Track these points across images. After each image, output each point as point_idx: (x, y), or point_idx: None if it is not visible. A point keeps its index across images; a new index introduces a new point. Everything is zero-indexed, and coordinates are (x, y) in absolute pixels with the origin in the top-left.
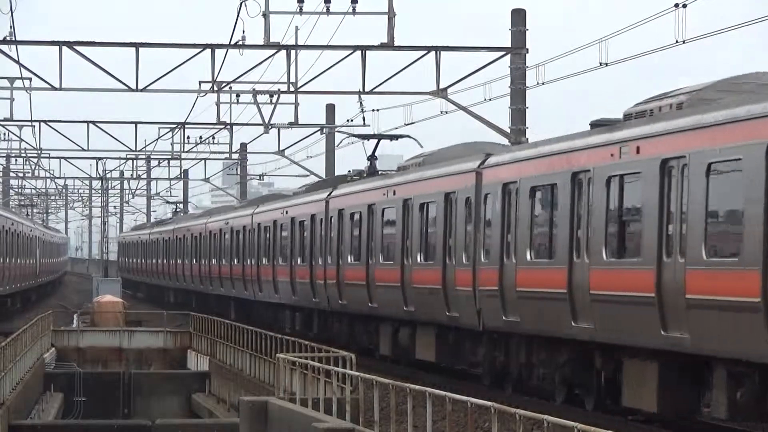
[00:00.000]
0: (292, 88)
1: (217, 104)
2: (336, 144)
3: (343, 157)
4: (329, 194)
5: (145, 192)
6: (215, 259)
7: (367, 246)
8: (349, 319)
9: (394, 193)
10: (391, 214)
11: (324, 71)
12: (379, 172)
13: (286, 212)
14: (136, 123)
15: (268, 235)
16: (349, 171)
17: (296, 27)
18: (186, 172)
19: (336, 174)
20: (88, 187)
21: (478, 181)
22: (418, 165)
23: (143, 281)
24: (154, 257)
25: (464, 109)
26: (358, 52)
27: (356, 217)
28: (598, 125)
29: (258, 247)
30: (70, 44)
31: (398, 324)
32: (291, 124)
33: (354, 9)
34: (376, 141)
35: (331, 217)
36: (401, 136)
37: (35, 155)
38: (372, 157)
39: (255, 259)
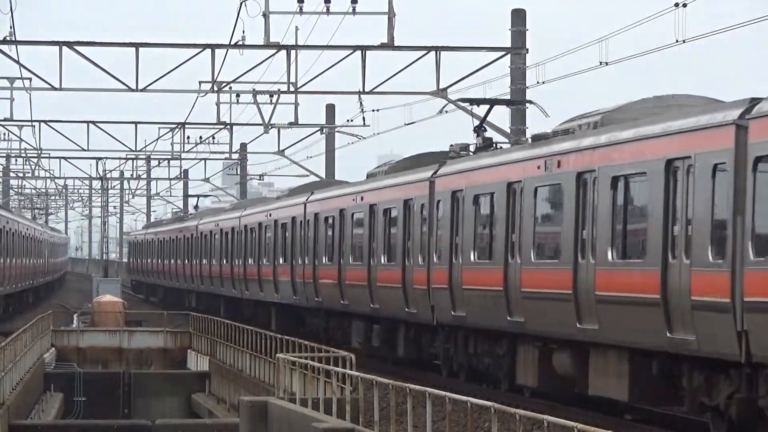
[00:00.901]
0: (292, 88)
1: (217, 104)
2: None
3: (344, 157)
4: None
5: (145, 192)
6: (252, 259)
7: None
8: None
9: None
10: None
11: (324, 71)
12: (496, 146)
13: (270, 215)
14: (136, 123)
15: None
16: (452, 146)
17: (296, 27)
18: (186, 172)
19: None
20: (88, 187)
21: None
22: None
23: (160, 284)
24: (174, 257)
25: (464, 109)
26: (358, 52)
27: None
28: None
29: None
30: (70, 44)
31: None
32: (291, 124)
33: (354, 9)
34: (487, 107)
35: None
36: (519, 102)
37: (35, 155)
38: (480, 128)
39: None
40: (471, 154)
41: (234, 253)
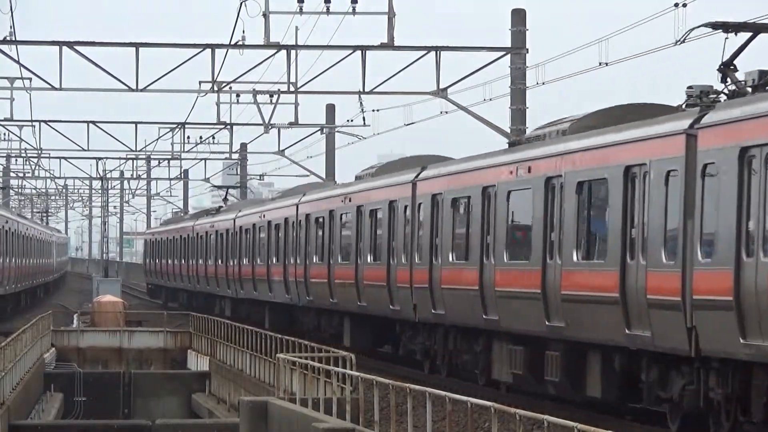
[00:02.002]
0: (292, 88)
1: (217, 104)
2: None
3: (344, 157)
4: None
5: (145, 192)
6: (318, 257)
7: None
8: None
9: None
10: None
11: (324, 71)
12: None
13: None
14: (136, 123)
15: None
16: (689, 88)
17: (296, 27)
18: (186, 172)
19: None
20: (88, 187)
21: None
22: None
23: (183, 288)
24: (204, 257)
25: (464, 109)
26: (358, 52)
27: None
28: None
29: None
30: (70, 44)
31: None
32: (291, 124)
33: (354, 9)
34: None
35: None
36: None
37: (35, 155)
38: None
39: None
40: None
41: (289, 251)
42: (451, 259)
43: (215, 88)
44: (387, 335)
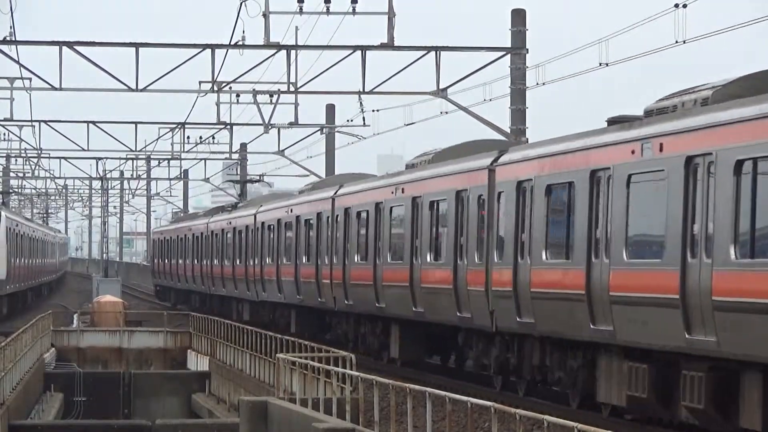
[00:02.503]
0: (292, 88)
1: (217, 104)
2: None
3: (344, 157)
4: (335, 192)
5: (145, 192)
6: (360, 256)
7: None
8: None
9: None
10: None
11: (324, 71)
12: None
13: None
14: (136, 123)
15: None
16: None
17: (296, 27)
18: (186, 172)
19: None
20: (88, 187)
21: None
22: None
23: (196, 290)
24: (219, 257)
25: (464, 109)
26: (358, 52)
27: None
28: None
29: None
30: (70, 44)
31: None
32: (291, 124)
33: (354, 9)
34: None
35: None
36: None
37: (35, 155)
38: None
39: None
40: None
41: (324, 250)
42: (544, 257)
43: (215, 88)
44: (443, 345)
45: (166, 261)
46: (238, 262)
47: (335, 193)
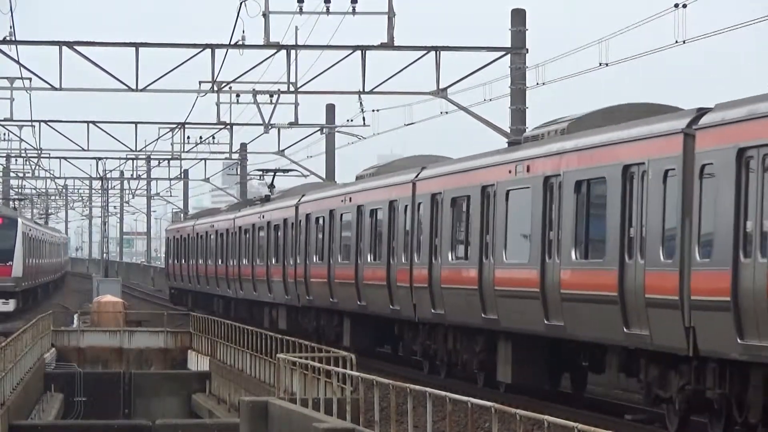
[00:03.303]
0: (292, 88)
1: (217, 104)
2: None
3: (344, 157)
4: (416, 176)
5: (145, 192)
6: (454, 253)
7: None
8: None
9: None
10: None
11: (324, 71)
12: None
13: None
14: (136, 123)
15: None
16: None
17: (296, 27)
18: (186, 172)
19: (335, 175)
20: (88, 187)
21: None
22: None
23: (221, 294)
24: (249, 256)
25: (464, 109)
26: (358, 52)
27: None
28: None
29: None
30: (70, 44)
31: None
32: (291, 124)
33: (354, 9)
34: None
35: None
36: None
37: (35, 155)
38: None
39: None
40: None
41: (399, 246)
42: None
43: (215, 88)
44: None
45: (184, 261)
46: (273, 262)
47: (416, 176)
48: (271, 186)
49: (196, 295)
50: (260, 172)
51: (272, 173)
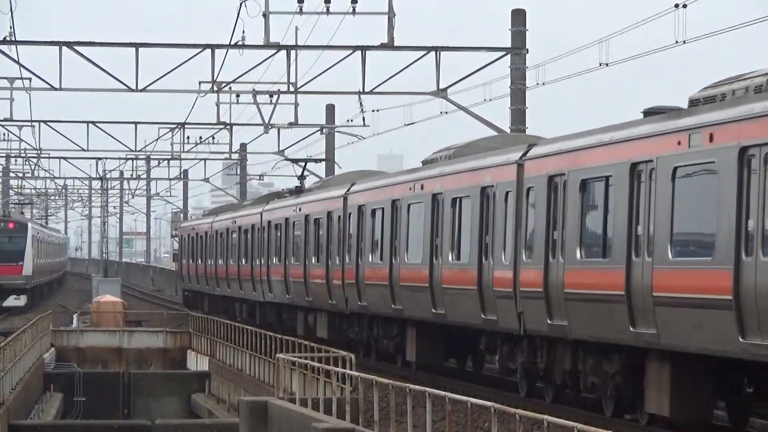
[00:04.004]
0: (292, 88)
1: (217, 104)
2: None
3: (344, 158)
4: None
5: (145, 192)
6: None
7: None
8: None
9: (300, 210)
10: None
11: (324, 71)
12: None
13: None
14: (136, 123)
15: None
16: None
17: (296, 27)
18: (186, 172)
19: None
20: (87, 187)
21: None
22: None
23: (243, 297)
24: (280, 255)
25: (464, 109)
26: (358, 52)
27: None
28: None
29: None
30: (70, 44)
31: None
32: (291, 125)
33: (354, 9)
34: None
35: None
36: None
37: (35, 155)
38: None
39: None
40: None
41: (491, 241)
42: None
43: (215, 88)
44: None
45: (200, 262)
46: (314, 261)
47: (512, 158)
48: (302, 177)
49: (214, 299)
50: (285, 162)
51: (303, 162)
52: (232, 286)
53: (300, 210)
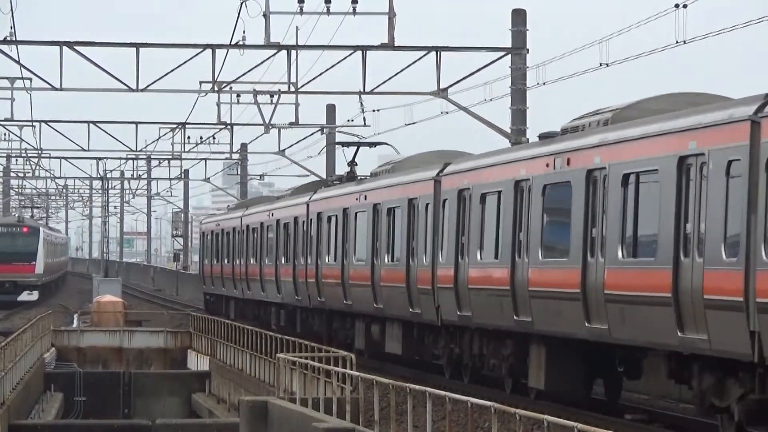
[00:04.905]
0: (292, 88)
1: (218, 104)
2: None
3: (344, 158)
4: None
5: (146, 192)
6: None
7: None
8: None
9: (272, 215)
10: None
11: (324, 71)
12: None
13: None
14: (136, 123)
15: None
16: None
17: (296, 27)
18: (186, 172)
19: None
20: (88, 187)
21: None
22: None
23: (281, 302)
24: (335, 254)
25: (465, 109)
26: (359, 52)
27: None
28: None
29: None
30: (70, 44)
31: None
32: (291, 124)
33: (354, 9)
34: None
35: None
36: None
37: (35, 155)
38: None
39: None
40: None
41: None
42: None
43: (215, 88)
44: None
45: (226, 262)
46: (387, 261)
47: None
48: (353, 162)
49: (243, 304)
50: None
51: (355, 146)
52: (269, 290)
53: (365, 199)
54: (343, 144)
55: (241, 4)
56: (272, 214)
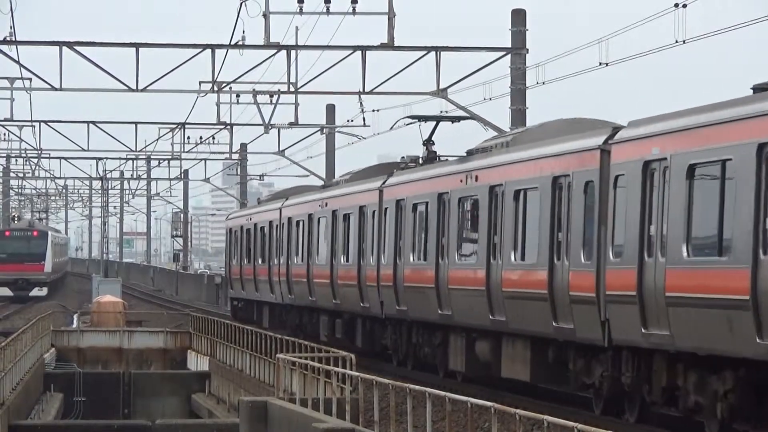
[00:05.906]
0: (292, 89)
1: (217, 104)
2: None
3: (344, 158)
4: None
5: (146, 192)
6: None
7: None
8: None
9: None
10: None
11: (324, 71)
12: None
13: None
14: (136, 123)
15: None
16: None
17: (296, 27)
18: (186, 172)
19: (335, 175)
20: (88, 188)
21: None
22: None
23: (324, 307)
24: (395, 252)
25: (464, 109)
26: (358, 52)
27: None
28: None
29: None
30: (70, 44)
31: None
32: (291, 125)
33: (354, 9)
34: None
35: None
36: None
37: (35, 155)
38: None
39: None
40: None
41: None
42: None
43: (215, 89)
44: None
45: (260, 262)
46: (475, 261)
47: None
48: (429, 141)
49: (279, 310)
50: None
51: (435, 120)
52: (317, 295)
53: (477, 179)
54: (420, 118)
55: (241, 4)
56: (326, 204)
